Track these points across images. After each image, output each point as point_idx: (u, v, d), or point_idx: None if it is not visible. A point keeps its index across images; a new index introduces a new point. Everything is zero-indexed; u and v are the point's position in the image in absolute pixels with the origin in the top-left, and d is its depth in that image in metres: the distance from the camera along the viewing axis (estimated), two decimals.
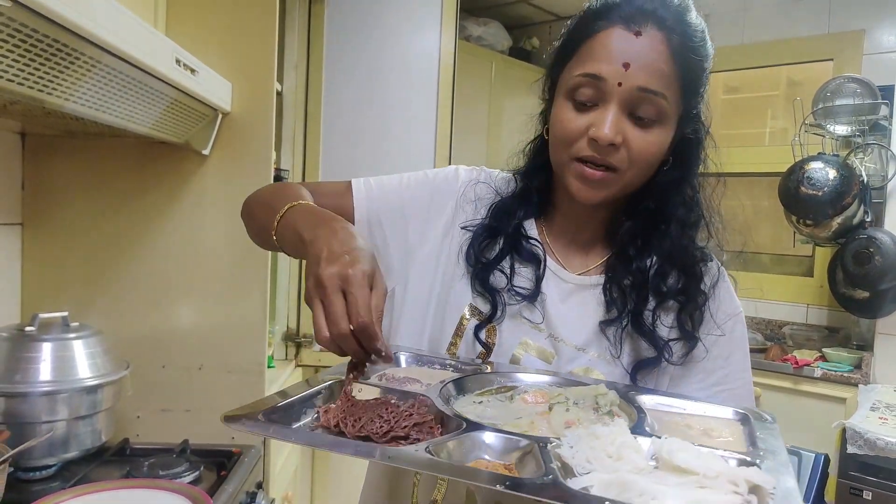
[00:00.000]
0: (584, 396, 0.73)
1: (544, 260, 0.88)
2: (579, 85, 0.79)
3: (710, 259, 0.89)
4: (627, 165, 0.79)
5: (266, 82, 1.71)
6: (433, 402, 0.70)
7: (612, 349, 0.84)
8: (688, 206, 0.87)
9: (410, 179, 0.95)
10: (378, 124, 2.40)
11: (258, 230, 0.89)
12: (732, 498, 0.55)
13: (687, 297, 0.84)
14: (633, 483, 0.55)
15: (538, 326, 0.86)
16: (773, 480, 0.58)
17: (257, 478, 1.57)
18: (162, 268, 1.68)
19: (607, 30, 0.78)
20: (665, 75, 0.77)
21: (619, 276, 0.85)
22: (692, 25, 0.80)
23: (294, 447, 2.11)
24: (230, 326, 1.69)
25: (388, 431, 0.64)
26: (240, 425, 0.63)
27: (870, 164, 2.81)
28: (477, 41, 3.49)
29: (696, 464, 0.59)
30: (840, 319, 3.15)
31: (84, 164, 1.64)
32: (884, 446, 2.05)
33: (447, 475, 0.60)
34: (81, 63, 1.00)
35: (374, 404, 0.70)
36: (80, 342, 1.33)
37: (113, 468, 1.37)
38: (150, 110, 1.33)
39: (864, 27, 3.13)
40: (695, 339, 0.84)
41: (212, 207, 1.68)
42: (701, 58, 0.80)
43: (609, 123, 0.76)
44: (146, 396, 1.63)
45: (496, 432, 0.64)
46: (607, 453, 0.60)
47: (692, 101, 0.83)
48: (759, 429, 0.71)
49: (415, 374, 0.81)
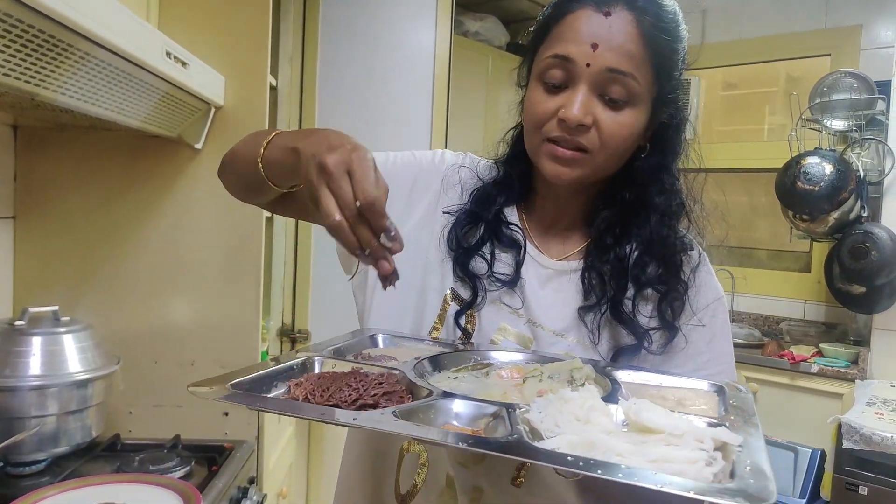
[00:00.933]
0: (560, 371, 0.73)
1: (524, 246, 0.88)
2: (549, 67, 0.79)
3: (692, 247, 0.88)
4: (599, 147, 0.79)
5: (259, 76, 1.70)
6: (405, 375, 0.70)
7: (591, 336, 0.83)
8: (667, 195, 0.85)
9: (396, 158, 0.94)
10: (373, 119, 2.39)
11: (241, 168, 0.87)
12: (697, 454, 0.55)
13: (667, 287, 0.84)
14: (600, 442, 0.55)
15: (517, 312, 0.86)
16: (740, 438, 0.58)
17: (250, 473, 1.56)
18: (154, 262, 1.67)
19: (576, 11, 0.78)
20: (634, 56, 0.76)
21: (596, 262, 0.85)
22: (664, 7, 0.79)
23: (289, 441, 2.11)
24: (223, 321, 1.68)
25: (357, 399, 0.64)
26: (204, 392, 0.62)
27: (866, 159, 2.80)
28: (474, 36, 3.47)
29: (663, 423, 0.59)
30: (837, 315, 3.14)
31: (76, 158, 1.64)
32: (879, 441, 2.05)
33: (410, 435, 0.60)
34: (70, 54, 0.99)
35: (343, 375, 0.69)
36: (70, 336, 1.33)
37: (103, 463, 1.37)
38: (141, 103, 1.32)
39: (861, 22, 3.12)
40: (675, 329, 0.83)
41: (204, 201, 1.67)
42: (672, 39, 0.80)
43: (578, 104, 0.76)
44: (138, 392, 1.63)
45: (465, 399, 0.64)
46: (576, 416, 0.60)
47: (666, 85, 0.82)
48: (732, 397, 0.71)
49: (391, 353, 0.81)
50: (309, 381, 0.68)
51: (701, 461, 0.54)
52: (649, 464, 0.53)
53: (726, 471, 0.54)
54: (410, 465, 0.86)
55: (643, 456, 0.54)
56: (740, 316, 3.43)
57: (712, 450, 0.56)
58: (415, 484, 0.84)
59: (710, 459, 0.55)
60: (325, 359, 0.76)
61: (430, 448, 0.84)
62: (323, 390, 0.65)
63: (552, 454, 0.53)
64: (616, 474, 0.50)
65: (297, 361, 0.74)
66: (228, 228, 1.69)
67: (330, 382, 0.67)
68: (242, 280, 1.69)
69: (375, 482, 0.90)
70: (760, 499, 0.47)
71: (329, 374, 0.70)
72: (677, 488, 0.49)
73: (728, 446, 0.57)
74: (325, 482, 2.53)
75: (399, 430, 0.57)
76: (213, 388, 0.63)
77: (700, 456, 0.55)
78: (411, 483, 0.85)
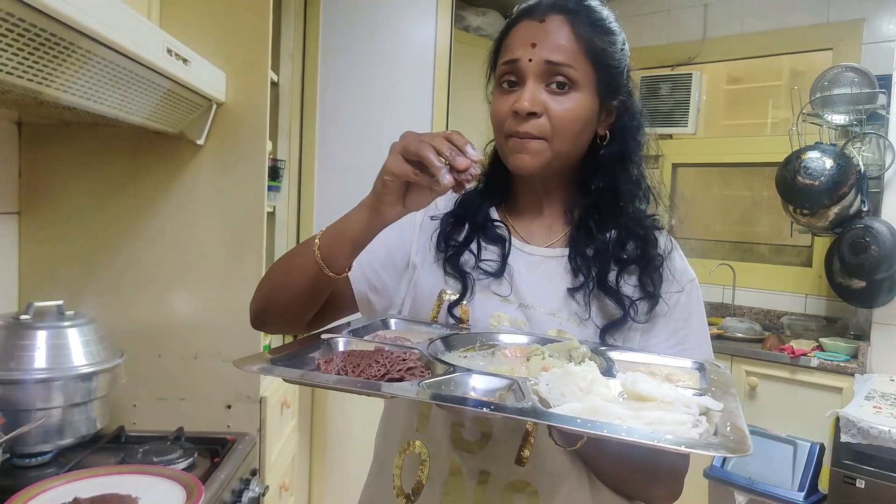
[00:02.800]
0: (559, 350, 0.81)
1: (509, 239, 0.96)
2: (503, 73, 0.91)
3: (661, 228, 0.97)
4: (552, 132, 0.88)
5: (260, 72, 1.72)
6: (423, 353, 0.78)
7: (581, 312, 0.91)
8: (635, 182, 0.96)
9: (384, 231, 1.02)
10: (374, 114, 2.40)
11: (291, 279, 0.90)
12: (686, 417, 0.63)
13: (646, 261, 0.93)
14: (602, 408, 0.63)
15: (507, 299, 0.93)
16: (721, 405, 0.66)
17: (252, 465, 1.59)
18: (157, 257, 1.69)
19: (518, 25, 0.91)
20: (568, 48, 0.88)
21: (580, 245, 0.94)
22: (592, 8, 0.92)
23: (291, 435, 2.13)
24: (225, 315, 1.70)
25: (385, 374, 0.71)
26: (250, 366, 0.71)
27: (867, 154, 2.80)
28: (476, 31, 3.48)
29: (656, 392, 0.68)
30: (838, 309, 3.15)
31: (80, 154, 1.65)
32: (877, 435, 2.06)
33: (441, 403, 0.67)
34: (72, 52, 1.01)
35: (370, 353, 0.77)
36: (74, 330, 1.35)
37: (108, 455, 1.39)
38: (143, 100, 1.33)
39: (862, 16, 3.11)
40: (656, 297, 0.92)
41: (206, 197, 1.69)
42: (602, 32, 0.91)
43: (526, 95, 0.87)
44: (142, 385, 1.65)
45: (480, 374, 0.72)
46: (579, 388, 0.68)
47: (605, 72, 0.91)
48: (712, 373, 0.80)
49: (404, 335, 0.88)
50: (339, 359, 0.76)
51: (688, 423, 0.62)
52: (646, 425, 0.61)
53: (710, 431, 0.62)
54: (412, 464, 0.90)
55: (640, 419, 0.62)
56: (741, 310, 3.44)
57: (698, 414, 0.65)
58: (420, 480, 0.89)
59: (696, 422, 0.63)
60: (349, 339, 0.83)
61: (429, 442, 0.89)
62: (354, 366, 0.73)
63: (562, 416, 0.61)
64: (619, 433, 0.58)
65: (324, 341, 0.82)
66: (230, 223, 1.71)
67: (359, 360, 0.74)
68: (244, 274, 1.71)
69: (383, 484, 0.95)
70: (739, 451, 0.57)
71: (357, 352, 0.78)
72: (671, 443, 0.57)
73: (711, 411, 0.66)
74: (327, 475, 2.55)
75: (431, 401, 0.67)
76: (256, 366, 0.72)
77: (688, 419, 0.63)
78: (415, 480, 0.89)
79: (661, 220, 0.98)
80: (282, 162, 2.28)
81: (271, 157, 2.23)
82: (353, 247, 0.84)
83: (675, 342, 0.92)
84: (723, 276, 3.45)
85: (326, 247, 0.85)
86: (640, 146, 0.97)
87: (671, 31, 3.66)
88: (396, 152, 0.77)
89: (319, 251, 0.84)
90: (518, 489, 0.86)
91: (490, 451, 0.86)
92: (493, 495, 0.86)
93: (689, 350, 0.91)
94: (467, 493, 0.87)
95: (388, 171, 0.77)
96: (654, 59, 3.66)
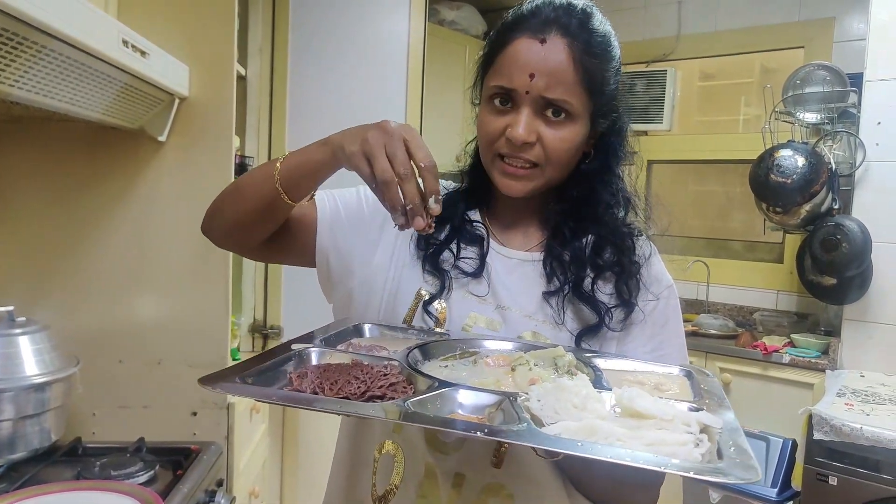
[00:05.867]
0: (543, 358, 0.78)
1: (487, 240, 0.96)
2: (495, 94, 0.88)
3: (639, 234, 0.96)
4: (545, 160, 0.88)
5: (226, 66, 1.65)
6: (403, 366, 0.74)
7: (556, 316, 0.91)
8: (613, 192, 0.95)
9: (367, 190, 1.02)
10: (346, 110, 2.34)
11: (246, 198, 0.90)
12: (687, 437, 0.61)
13: (622, 268, 0.92)
14: (600, 427, 0.60)
15: (484, 299, 0.92)
16: (720, 421, 0.65)
17: (218, 475, 1.53)
18: (118, 259, 1.62)
19: (516, 41, 0.87)
20: (567, 82, 0.85)
21: (556, 251, 0.93)
22: (595, 31, 0.88)
23: (261, 441, 2.07)
24: (190, 319, 1.64)
25: (366, 391, 0.67)
26: (217, 388, 0.65)
27: (838, 152, 2.81)
28: (450, 25, 3.44)
29: (654, 409, 0.65)
30: (809, 305, 3.18)
31: (34, 150, 1.58)
32: (849, 432, 2.07)
33: (432, 426, 0.64)
34: (17, 43, 0.94)
35: (347, 367, 0.72)
36: (26, 338, 1.29)
37: (63, 468, 1.32)
38: (99, 95, 1.27)
39: (834, 15, 3.13)
40: (632, 305, 0.91)
41: (169, 195, 1.62)
42: (601, 61, 0.89)
43: (522, 125, 0.85)
44: (102, 393, 1.58)
45: (468, 389, 0.68)
46: (573, 404, 0.65)
47: (600, 100, 0.90)
48: (701, 381, 0.79)
49: (380, 343, 0.85)
50: (314, 374, 0.71)
51: (690, 443, 0.61)
52: (646, 447, 0.59)
53: (712, 451, 0.60)
54: (386, 466, 0.89)
55: (640, 440, 0.60)
56: (714, 306, 3.45)
57: (698, 432, 0.63)
58: (393, 484, 0.88)
59: (698, 441, 0.61)
60: (322, 351, 0.79)
61: (404, 444, 0.88)
62: (331, 383, 0.68)
63: (562, 441, 0.59)
64: (625, 458, 0.56)
65: (295, 353, 0.77)
66: (195, 222, 1.62)
67: (336, 375, 0.70)
68: (210, 275, 1.65)
69: (355, 486, 0.94)
70: (748, 478, 0.54)
71: (333, 366, 0.73)
72: (678, 469, 0.55)
73: (710, 429, 0.63)
74: (299, 479, 2.50)
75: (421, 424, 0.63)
76: (224, 386, 0.66)
77: (689, 438, 0.61)
78: (389, 482, 0.88)
79: (638, 227, 0.97)
80: (250, 158, 2.21)
81: (239, 154, 2.16)
82: (313, 179, 0.85)
83: (651, 348, 0.92)
84: (697, 272, 3.46)
85: (286, 173, 0.85)
86: (621, 159, 0.97)
87: (646, 27, 3.66)
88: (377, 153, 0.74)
89: (279, 175, 0.85)
90: (494, 492, 0.85)
91: (465, 453, 0.85)
92: (469, 498, 0.85)
93: (665, 356, 0.91)
94: (442, 496, 0.86)
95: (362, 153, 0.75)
96: (629, 56, 3.60)
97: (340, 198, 1.00)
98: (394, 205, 0.74)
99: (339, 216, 0.98)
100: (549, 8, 0.87)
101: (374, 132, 0.75)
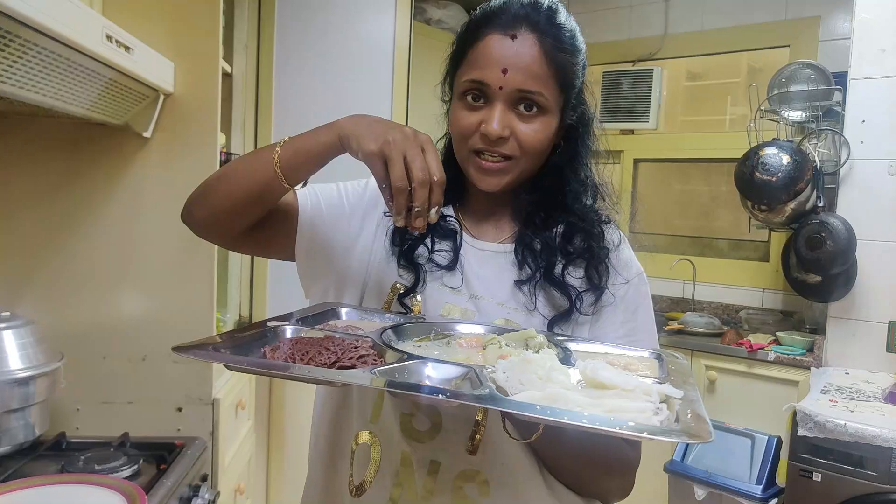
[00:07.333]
0: (516, 340, 0.80)
1: (461, 234, 0.97)
2: (468, 89, 0.89)
3: (608, 221, 0.99)
4: (519, 153, 0.90)
5: (212, 62, 1.66)
6: (375, 341, 0.75)
7: (528, 303, 0.92)
8: (581, 181, 0.97)
9: (348, 184, 1.03)
10: (332, 107, 2.32)
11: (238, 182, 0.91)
12: (646, 405, 0.63)
13: (591, 254, 0.94)
14: (562, 395, 0.62)
15: (458, 290, 0.94)
16: (681, 393, 0.66)
17: (202, 470, 1.53)
18: (103, 254, 1.62)
19: (487, 37, 0.88)
20: (539, 76, 0.87)
21: (527, 240, 0.95)
22: (563, 27, 0.90)
23: (247, 437, 2.07)
24: (175, 314, 1.64)
25: (336, 362, 0.68)
26: (190, 354, 0.66)
27: (823, 150, 2.84)
28: (437, 24, 3.44)
29: (617, 379, 0.68)
30: (794, 303, 3.20)
31: (18, 146, 1.57)
32: (833, 429, 2.09)
33: (396, 390, 0.64)
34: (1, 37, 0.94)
35: (319, 339, 0.74)
36: (9, 332, 1.29)
37: (47, 463, 1.32)
38: (83, 90, 1.27)
39: (819, 14, 3.16)
40: (601, 289, 0.93)
41: (154, 191, 1.62)
42: (571, 55, 0.91)
43: (496, 120, 0.87)
44: (86, 388, 1.58)
45: (435, 362, 0.70)
46: (538, 376, 0.67)
47: (570, 93, 0.93)
48: (671, 363, 0.80)
49: (356, 325, 0.86)
50: (286, 346, 0.72)
51: (649, 411, 0.62)
52: (607, 413, 0.60)
53: (671, 419, 0.62)
54: (363, 456, 0.90)
55: (601, 407, 0.61)
56: (700, 304, 3.48)
57: (658, 402, 0.64)
58: (370, 471, 0.88)
59: (657, 409, 0.63)
60: (297, 327, 0.80)
61: (380, 433, 0.89)
62: (302, 354, 0.70)
63: (522, 404, 0.60)
64: (580, 420, 0.56)
65: (269, 329, 0.78)
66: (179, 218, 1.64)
67: (308, 346, 0.71)
68: (195, 271, 1.65)
69: (333, 478, 0.96)
70: (700, 437, 0.56)
71: (305, 339, 0.74)
72: (633, 430, 0.56)
73: (671, 399, 0.66)
74: (286, 475, 2.50)
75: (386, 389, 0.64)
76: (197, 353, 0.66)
77: (649, 406, 0.63)
78: (365, 471, 0.88)
79: (606, 213, 1.00)
80: (235, 155, 2.21)
81: (224, 151, 2.16)
82: (315, 163, 0.86)
83: (623, 334, 0.94)
84: (683, 271, 3.48)
85: (288, 156, 0.86)
86: (590, 149, 0.99)
87: (633, 26, 3.68)
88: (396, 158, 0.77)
89: (279, 159, 0.85)
90: (469, 478, 0.86)
91: (441, 440, 0.87)
92: (444, 485, 0.86)
93: (636, 342, 0.92)
94: (417, 483, 0.87)
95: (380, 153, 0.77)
96: (615, 54, 3.67)
97: (322, 193, 1.01)
98: (399, 210, 0.77)
99: (320, 211, 0.99)
100: (516, 5, 0.89)
101: (397, 135, 0.78)
